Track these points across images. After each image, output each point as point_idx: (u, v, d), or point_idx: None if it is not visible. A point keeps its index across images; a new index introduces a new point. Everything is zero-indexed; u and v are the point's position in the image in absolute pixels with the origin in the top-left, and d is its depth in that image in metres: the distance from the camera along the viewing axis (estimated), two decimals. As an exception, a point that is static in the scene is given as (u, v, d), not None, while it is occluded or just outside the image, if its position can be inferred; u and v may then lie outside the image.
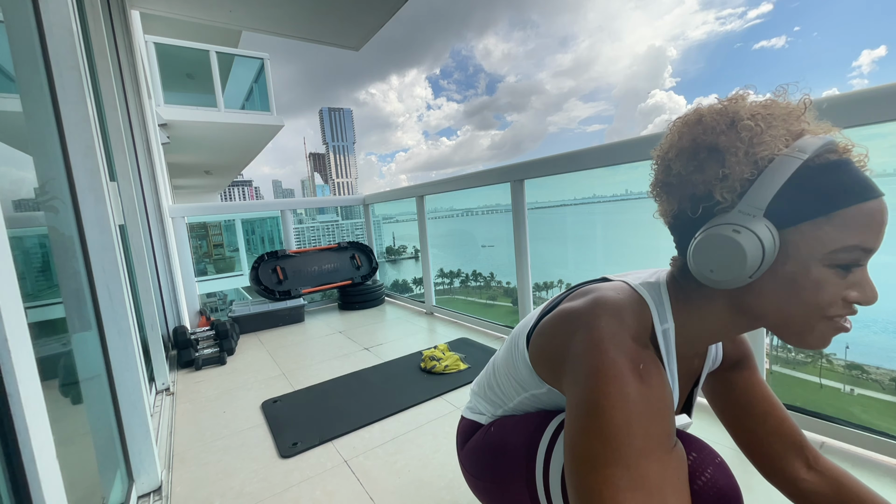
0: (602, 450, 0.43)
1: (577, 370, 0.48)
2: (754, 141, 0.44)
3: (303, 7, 2.78)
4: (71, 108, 1.02)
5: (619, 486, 0.41)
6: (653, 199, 0.56)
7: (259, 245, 9.29)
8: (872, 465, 1.05)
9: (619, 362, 0.45)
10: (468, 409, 0.83)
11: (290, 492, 1.13)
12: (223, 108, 6.18)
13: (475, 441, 0.75)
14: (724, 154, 0.45)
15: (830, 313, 0.45)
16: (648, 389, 0.45)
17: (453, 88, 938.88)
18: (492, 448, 0.70)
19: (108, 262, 1.08)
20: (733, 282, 0.46)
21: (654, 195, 0.55)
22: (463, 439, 0.80)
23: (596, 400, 0.44)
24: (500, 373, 0.72)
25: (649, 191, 0.56)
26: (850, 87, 68.56)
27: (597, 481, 0.42)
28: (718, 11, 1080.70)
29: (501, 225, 2.28)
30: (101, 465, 1.01)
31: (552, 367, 0.56)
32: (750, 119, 0.45)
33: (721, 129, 0.46)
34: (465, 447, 0.79)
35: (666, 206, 0.53)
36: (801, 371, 6.52)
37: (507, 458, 0.66)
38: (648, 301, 0.53)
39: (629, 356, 0.46)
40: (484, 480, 0.72)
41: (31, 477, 0.55)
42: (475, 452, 0.74)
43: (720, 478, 0.52)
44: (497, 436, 0.70)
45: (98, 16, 1.72)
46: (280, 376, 1.95)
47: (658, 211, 0.55)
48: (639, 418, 0.43)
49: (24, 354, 0.55)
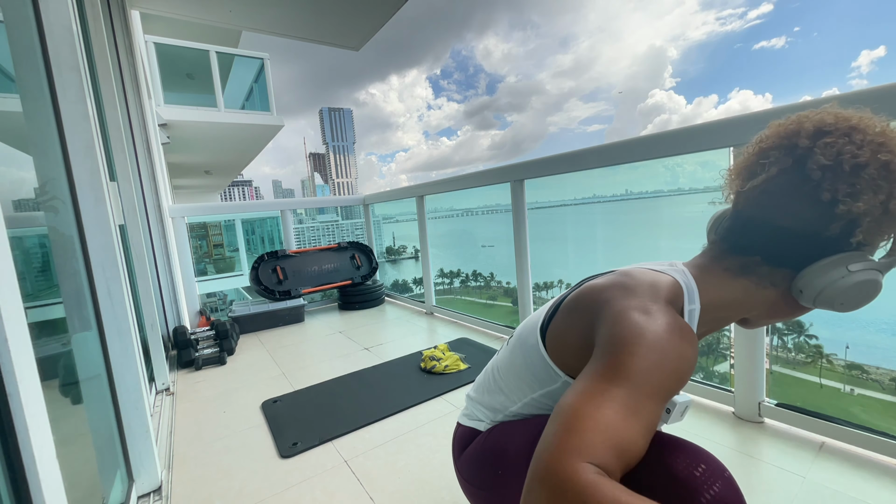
0: (620, 372, 0.44)
1: (615, 322, 0.49)
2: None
3: (303, 7, 2.78)
4: (71, 108, 1.02)
5: (617, 401, 0.42)
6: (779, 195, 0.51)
7: (259, 245, 9.29)
8: (872, 465, 1.05)
9: (662, 317, 0.48)
10: (465, 416, 0.81)
11: (290, 492, 1.13)
12: (223, 108, 6.18)
13: (474, 448, 0.73)
14: None
15: None
16: (684, 348, 0.47)
17: (453, 88, 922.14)
18: (492, 453, 0.68)
19: (108, 262, 1.08)
20: (832, 308, 0.52)
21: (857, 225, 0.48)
22: (460, 447, 0.78)
23: (634, 336, 0.46)
24: (505, 374, 0.71)
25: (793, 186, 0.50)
26: (850, 88, 68.31)
27: (600, 390, 0.43)
28: (719, 12, 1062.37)
29: (501, 225, 2.28)
30: (101, 465, 1.01)
31: (581, 341, 0.54)
32: None
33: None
34: (462, 455, 0.76)
35: (834, 222, 0.48)
36: (801, 371, 6.52)
37: (508, 464, 0.64)
38: (680, 281, 0.56)
39: (672, 315, 0.49)
40: (483, 488, 0.70)
41: (31, 477, 0.55)
42: (474, 460, 0.72)
43: (728, 494, 0.49)
44: (497, 441, 0.69)
45: (98, 16, 1.72)
46: (280, 376, 1.95)
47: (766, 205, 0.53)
48: (667, 366, 0.45)
49: (24, 354, 0.55)
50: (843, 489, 0.98)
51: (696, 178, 2.01)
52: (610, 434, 0.40)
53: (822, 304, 0.51)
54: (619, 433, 0.40)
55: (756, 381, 1.26)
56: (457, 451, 0.79)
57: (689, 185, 3.61)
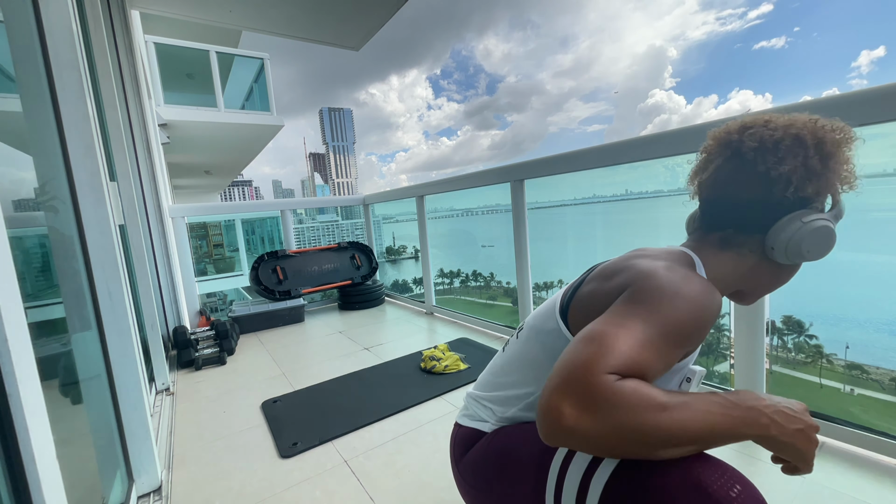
0: (641, 310, 0.51)
1: (640, 276, 0.55)
2: (850, 177, 0.60)
3: (303, 7, 2.78)
4: (71, 108, 1.02)
5: (636, 333, 0.48)
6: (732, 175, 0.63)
7: (259, 245, 9.29)
8: (872, 465, 1.05)
9: (684, 270, 0.56)
10: (466, 417, 0.78)
11: (290, 492, 1.13)
12: (223, 108, 6.18)
13: (478, 451, 0.71)
14: (843, 161, 0.59)
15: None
16: (705, 296, 0.53)
17: (454, 89, 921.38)
18: (498, 456, 0.66)
19: (108, 262, 1.08)
20: (803, 260, 0.61)
21: (788, 183, 0.59)
22: (462, 449, 0.75)
23: (657, 283, 0.53)
24: (520, 367, 0.70)
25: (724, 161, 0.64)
26: (850, 88, 68.42)
27: (620, 322, 0.49)
28: (719, 12, 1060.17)
29: (501, 225, 2.28)
30: (101, 465, 1.01)
31: (606, 307, 0.56)
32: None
33: (847, 143, 0.59)
34: (464, 458, 0.74)
35: (796, 188, 0.59)
36: (801, 371, 6.52)
37: (515, 467, 0.63)
38: (692, 255, 0.63)
39: (693, 271, 0.58)
40: (486, 493, 0.68)
41: (31, 477, 0.55)
42: (478, 463, 0.70)
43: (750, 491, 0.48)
44: (504, 443, 0.67)
45: (98, 16, 1.72)
46: (280, 376, 1.95)
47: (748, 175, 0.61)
48: (686, 311, 0.51)
49: (24, 354, 0.55)
50: (843, 489, 0.98)
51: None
52: (628, 356, 0.46)
53: (793, 254, 0.60)
54: (635, 357, 0.46)
55: (756, 381, 1.26)
56: (458, 453, 0.76)
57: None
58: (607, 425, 0.43)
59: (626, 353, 0.46)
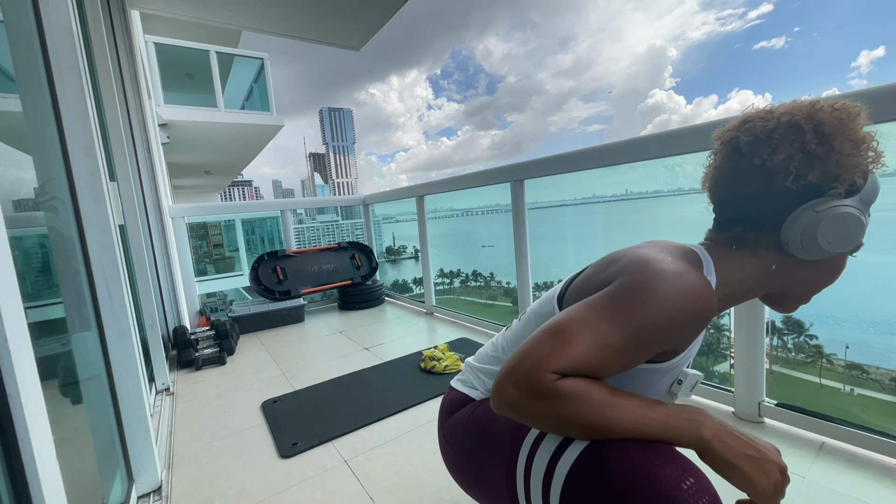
0: (616, 307, 0.51)
1: (629, 266, 0.55)
2: (869, 156, 0.55)
3: (303, 7, 2.78)
4: (71, 108, 1.02)
5: (597, 334, 0.49)
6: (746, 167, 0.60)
7: (259, 245, 9.29)
8: (872, 465, 1.05)
9: (678, 266, 0.54)
10: (459, 381, 0.82)
11: (290, 492, 1.13)
12: (223, 108, 6.18)
13: (463, 415, 0.74)
14: (856, 142, 0.54)
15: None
16: (691, 299, 0.52)
17: (454, 89, 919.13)
18: (478, 426, 0.70)
19: (108, 262, 1.08)
20: (825, 256, 0.56)
21: (789, 172, 0.56)
22: (449, 411, 0.79)
23: (642, 278, 0.53)
24: (515, 344, 0.72)
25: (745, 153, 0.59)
26: (850, 88, 68.51)
27: (590, 318, 0.51)
28: (719, 12, 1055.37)
29: (501, 225, 2.28)
30: (101, 465, 1.01)
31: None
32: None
33: (857, 116, 0.55)
34: (449, 419, 0.77)
35: (797, 175, 0.55)
36: (801, 371, 6.52)
37: (491, 440, 0.66)
38: (700, 253, 0.61)
39: (688, 268, 0.55)
40: (463, 456, 0.72)
41: (31, 477, 0.55)
42: (460, 426, 0.74)
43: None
44: (486, 415, 0.70)
45: (98, 16, 1.72)
46: (280, 376, 1.95)
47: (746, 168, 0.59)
48: (664, 312, 0.51)
49: (24, 354, 0.55)
50: (843, 489, 0.98)
51: (696, 178, 2.01)
52: (578, 360, 0.48)
53: (810, 247, 0.55)
54: (587, 360, 0.49)
55: (756, 381, 1.26)
56: (445, 413, 0.79)
57: (690, 185, 3.59)
58: (543, 412, 0.49)
59: (578, 357, 0.49)
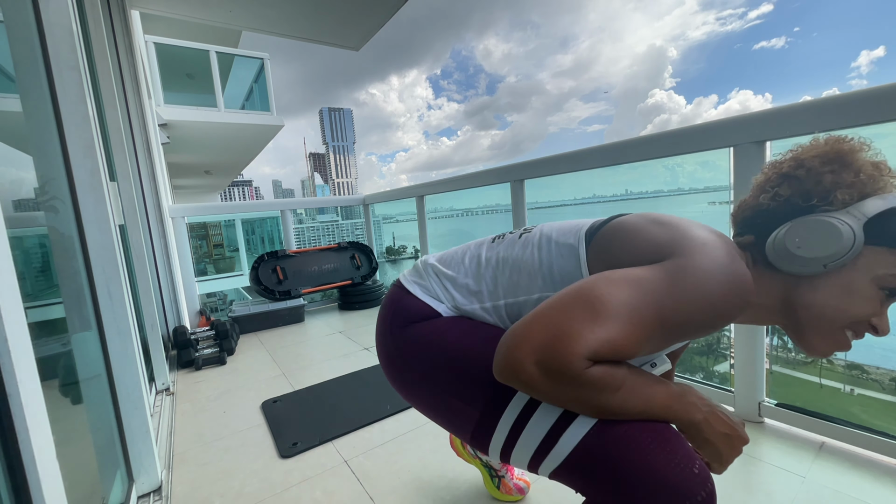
0: (665, 297, 0.48)
1: (676, 245, 0.53)
2: (872, 179, 0.54)
3: (303, 7, 2.78)
4: (71, 108, 1.02)
5: (639, 321, 0.47)
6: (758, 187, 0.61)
7: (259, 245, 9.29)
8: (872, 465, 1.05)
9: (738, 265, 0.52)
10: (417, 286, 0.71)
11: (290, 492, 1.13)
12: (223, 108, 6.18)
13: (426, 332, 0.65)
14: (855, 169, 0.54)
15: (852, 327, 0.55)
16: (737, 300, 0.51)
17: (454, 89, 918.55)
18: (449, 356, 0.62)
19: (108, 262, 1.08)
20: (811, 263, 0.53)
21: (771, 183, 0.59)
22: (406, 319, 0.68)
23: (705, 276, 0.49)
24: (507, 268, 0.65)
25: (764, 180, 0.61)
26: (850, 88, 68.54)
27: (633, 301, 0.48)
28: (719, 12, 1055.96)
29: (501, 225, 2.28)
30: (101, 465, 1.01)
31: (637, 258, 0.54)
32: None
33: (858, 150, 0.55)
34: (406, 329, 0.67)
35: (776, 192, 0.58)
36: (801, 371, 6.51)
37: (468, 380, 0.60)
38: (739, 251, 0.60)
39: (734, 258, 0.53)
40: (419, 377, 0.64)
41: (31, 477, 0.55)
42: (421, 344, 0.65)
43: (714, 497, 0.50)
44: (461, 346, 0.62)
45: (98, 16, 1.72)
46: (280, 376, 1.95)
47: (753, 196, 0.61)
48: (712, 317, 0.50)
49: (24, 354, 0.55)
50: (843, 489, 0.98)
51: (696, 178, 2.01)
52: (615, 344, 0.46)
53: (782, 252, 0.55)
54: (623, 345, 0.47)
55: (756, 381, 1.26)
56: (400, 320, 0.68)
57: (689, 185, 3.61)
58: (561, 395, 0.48)
59: (615, 341, 0.46)
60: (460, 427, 0.62)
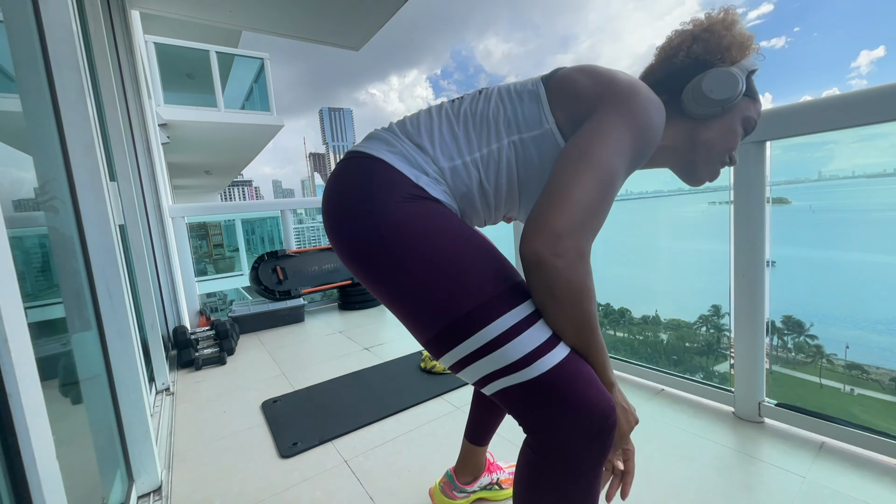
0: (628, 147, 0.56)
1: (626, 101, 0.59)
2: (747, 44, 0.68)
3: (303, 7, 2.78)
4: (71, 108, 1.02)
5: (611, 185, 0.55)
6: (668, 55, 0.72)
7: (259, 245, 9.29)
8: (872, 464, 1.05)
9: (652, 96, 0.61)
10: (393, 155, 0.62)
11: (290, 492, 1.13)
12: (223, 108, 6.19)
13: (424, 220, 0.58)
14: (739, 32, 0.68)
15: (726, 159, 0.72)
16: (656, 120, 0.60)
17: (454, 89, 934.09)
18: (458, 258, 0.57)
19: (108, 262, 1.08)
20: (714, 105, 0.66)
21: (686, 44, 0.70)
22: (388, 191, 0.59)
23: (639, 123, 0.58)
24: (474, 120, 0.64)
25: (673, 45, 0.72)
26: (850, 88, 68.50)
27: (617, 162, 0.56)
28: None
29: (501, 225, 2.28)
30: (101, 465, 1.01)
31: (587, 98, 0.61)
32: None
33: (740, 20, 0.69)
34: (400, 211, 0.58)
35: (690, 50, 0.69)
36: (801, 371, 6.51)
37: (459, 276, 0.55)
38: None
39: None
40: (407, 275, 0.57)
41: (31, 477, 0.55)
42: (425, 238, 0.57)
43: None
44: (451, 243, 0.57)
45: (98, 16, 1.72)
46: (280, 376, 1.95)
47: (664, 61, 0.72)
48: (641, 144, 0.58)
49: (24, 354, 0.55)
50: (843, 489, 0.98)
51: (696, 178, 1.96)
52: (598, 221, 0.54)
53: (698, 97, 0.66)
54: (600, 220, 0.55)
55: (756, 381, 1.26)
56: (392, 196, 0.59)
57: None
58: (587, 287, 0.53)
59: (597, 223, 0.54)
60: (427, 326, 0.57)
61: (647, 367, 1.61)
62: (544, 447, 0.55)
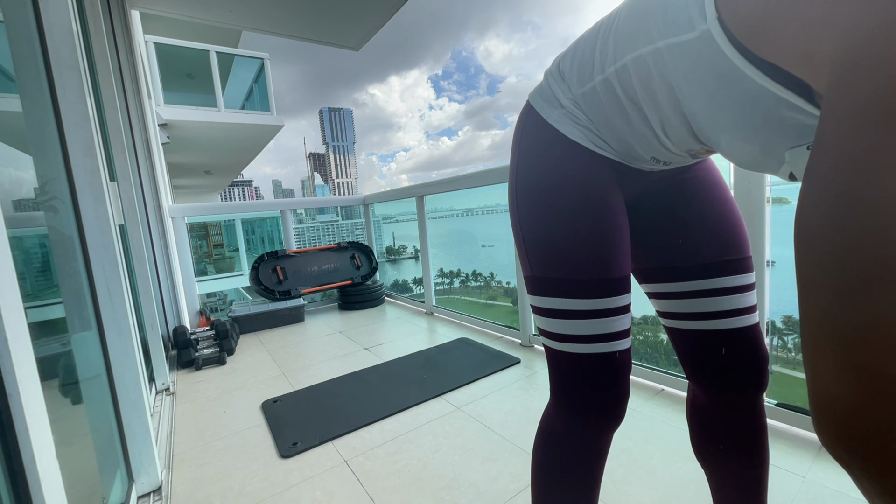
0: None
1: None
2: None
3: (303, 7, 2.78)
4: (71, 108, 1.02)
5: None
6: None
7: (259, 245, 9.29)
8: (872, 465, 1.05)
9: None
10: (538, 94, 0.62)
11: (290, 492, 1.13)
12: (223, 108, 6.19)
13: (541, 174, 0.59)
14: None
15: None
16: None
17: (454, 89, 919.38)
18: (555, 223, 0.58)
19: (108, 262, 1.08)
20: None
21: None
22: (520, 140, 0.63)
23: None
24: (619, 25, 0.49)
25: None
26: (850, 87, 68.25)
27: None
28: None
29: (501, 225, 2.28)
30: (101, 465, 1.01)
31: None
32: None
33: None
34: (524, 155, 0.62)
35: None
36: (801, 371, 6.51)
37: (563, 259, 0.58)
38: None
39: None
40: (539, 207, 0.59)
41: (31, 477, 0.55)
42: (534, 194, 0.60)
43: None
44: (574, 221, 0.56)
45: (98, 16, 1.72)
46: (280, 376, 1.95)
47: None
48: None
49: (24, 354, 0.55)
50: (843, 489, 0.98)
51: (696, 178, 1.97)
52: None
53: None
54: None
55: (756, 381, 1.26)
56: (528, 132, 0.61)
57: (689, 185, 3.57)
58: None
59: None
60: (527, 266, 0.64)
61: (647, 367, 1.61)
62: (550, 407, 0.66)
